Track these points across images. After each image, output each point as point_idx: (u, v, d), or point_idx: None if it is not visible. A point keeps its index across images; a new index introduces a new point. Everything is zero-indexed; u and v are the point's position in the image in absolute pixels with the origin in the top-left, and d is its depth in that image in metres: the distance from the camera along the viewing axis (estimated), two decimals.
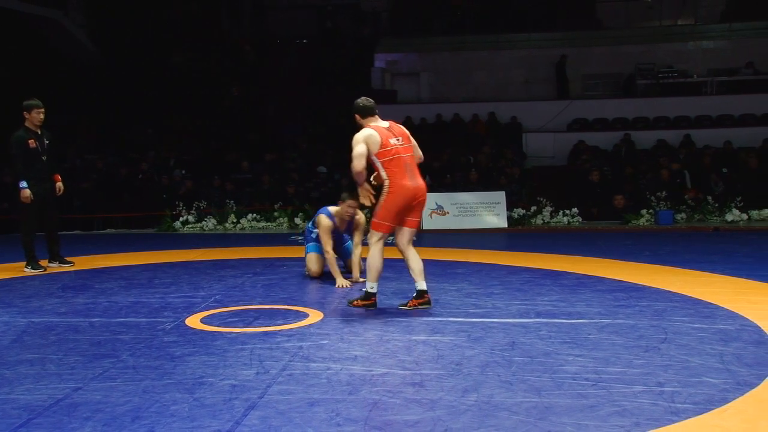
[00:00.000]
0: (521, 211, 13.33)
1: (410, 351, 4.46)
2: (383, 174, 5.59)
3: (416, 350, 4.48)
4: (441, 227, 12.79)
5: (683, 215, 13.11)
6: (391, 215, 5.62)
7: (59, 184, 8.28)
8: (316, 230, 7.27)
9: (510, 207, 13.22)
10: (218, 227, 13.48)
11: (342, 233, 7.30)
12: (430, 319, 5.35)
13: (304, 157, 16.71)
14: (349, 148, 5.67)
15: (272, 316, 5.54)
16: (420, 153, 5.82)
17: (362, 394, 3.66)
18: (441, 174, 15.07)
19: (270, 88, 20.49)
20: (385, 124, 5.75)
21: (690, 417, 3.29)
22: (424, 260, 5.90)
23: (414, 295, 5.79)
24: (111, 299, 6.37)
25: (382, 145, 5.55)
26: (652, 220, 12.94)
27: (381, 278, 6.86)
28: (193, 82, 20.36)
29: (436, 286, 6.72)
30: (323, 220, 7.05)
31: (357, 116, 5.81)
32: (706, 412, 3.35)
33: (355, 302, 5.83)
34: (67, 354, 4.50)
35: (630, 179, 14.53)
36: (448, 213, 13.02)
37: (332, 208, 7.16)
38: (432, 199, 13.07)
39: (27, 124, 7.96)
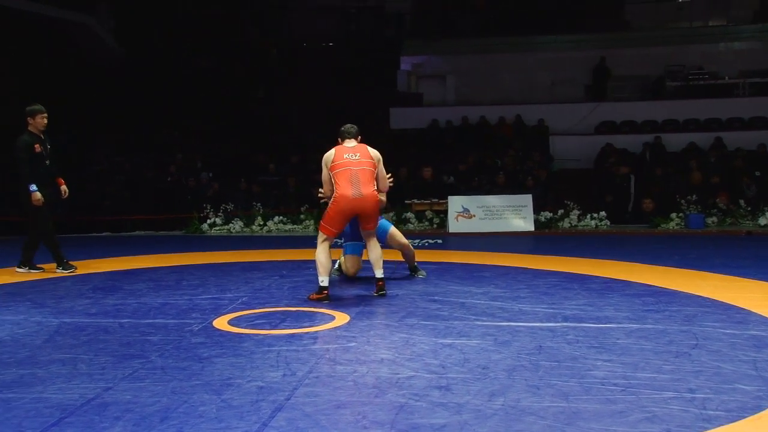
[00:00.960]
0: (548, 215, 13.24)
1: (436, 354, 4.45)
2: (333, 186, 6.26)
3: (442, 353, 4.46)
4: (467, 230, 12.75)
5: (714, 219, 12.93)
6: (333, 221, 6.27)
7: (64, 188, 8.34)
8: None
9: (537, 210, 13.14)
10: (245, 229, 13.56)
11: None
12: (457, 322, 5.33)
13: None
14: (378, 151, 6.49)
15: (299, 319, 5.56)
16: (384, 184, 6.60)
17: (388, 397, 3.66)
18: (467, 177, 15.02)
19: (295, 90, 20.59)
20: (351, 144, 6.42)
21: (722, 425, 3.24)
22: (451, 263, 5.90)
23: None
24: (140, 300, 6.44)
25: (334, 160, 6.25)
26: (682, 223, 12.78)
27: (407, 281, 6.87)
28: (219, 84, 20.52)
29: (462, 290, 6.71)
30: None
31: (338, 139, 6.53)
32: (739, 419, 3.29)
33: (311, 296, 6.30)
34: (97, 354, 4.55)
35: (659, 182, 14.36)
36: (474, 216, 12.97)
37: None
38: (458, 202, 13.05)
39: (30, 128, 8.02)
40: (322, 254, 6.24)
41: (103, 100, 19.33)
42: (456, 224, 12.89)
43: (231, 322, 5.44)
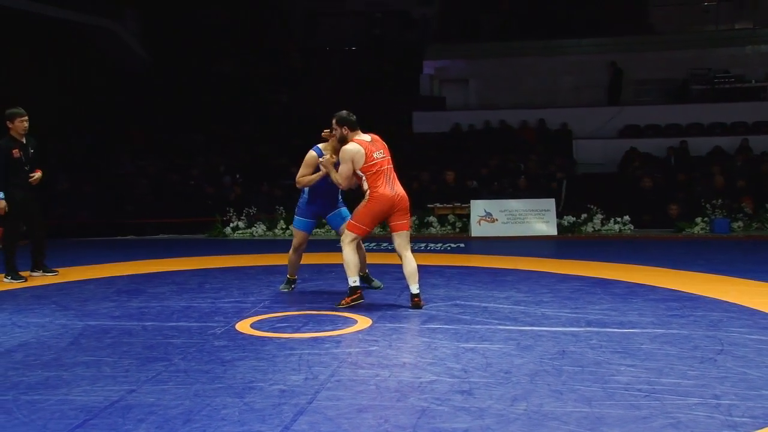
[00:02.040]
0: (571, 219, 13.15)
1: (459, 358, 4.44)
2: (365, 185, 6.03)
3: (464, 358, 4.45)
4: (489, 234, 12.70)
5: (740, 224, 12.75)
6: (368, 220, 6.05)
7: (38, 175, 7.87)
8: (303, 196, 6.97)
9: (560, 214, 13.06)
10: (267, 233, 13.60)
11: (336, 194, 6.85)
12: (479, 326, 5.31)
13: None
14: (400, 155, 6.00)
15: (321, 322, 5.57)
16: None
17: (411, 401, 3.66)
18: (489, 181, 14.98)
19: (318, 94, 20.66)
20: (368, 137, 6.13)
21: (748, 431, 3.20)
22: (473, 267, 5.87)
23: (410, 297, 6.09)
24: (163, 303, 6.49)
25: (367, 160, 5.97)
26: (707, 228, 12.64)
27: (430, 286, 6.86)
28: (242, 88, 20.64)
29: (485, 294, 6.68)
30: (310, 154, 6.59)
31: (344, 128, 6.12)
32: (766, 426, 3.25)
33: (343, 302, 6.10)
34: (121, 357, 4.60)
35: (683, 187, 14.22)
36: (496, 220, 12.92)
37: (322, 144, 6.64)
38: (480, 206, 13.01)
39: (12, 133, 7.73)
40: (351, 254, 6.05)
41: (127, 104, 19.53)
42: (478, 228, 12.85)
43: (253, 326, 5.47)
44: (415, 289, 6.05)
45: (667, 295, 6.53)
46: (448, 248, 11.09)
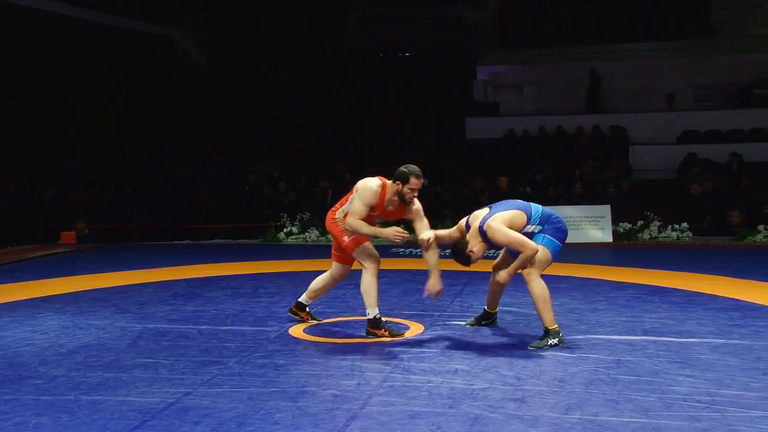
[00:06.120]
0: (627, 226, 12.91)
1: (512, 366, 4.40)
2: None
3: (518, 365, 4.41)
4: None
5: None
6: None
7: None
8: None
9: (615, 221, 12.84)
10: (321, 238, 13.70)
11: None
12: (532, 333, 5.25)
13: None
14: (454, 161, 5.84)
15: None
16: None
17: (463, 408, 3.64)
18: (544, 187, 14.82)
19: (374, 101, 20.76)
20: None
21: None
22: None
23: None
24: (218, 307, 6.59)
25: None
26: None
27: (482, 292, 6.81)
28: (299, 95, 20.87)
29: None
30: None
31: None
32: None
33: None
34: (177, 359, 4.68)
35: (746, 193, 13.84)
36: None
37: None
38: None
39: None
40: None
41: (187, 111, 19.93)
42: None
43: (307, 331, 5.52)
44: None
45: (728, 305, 6.36)
46: None
